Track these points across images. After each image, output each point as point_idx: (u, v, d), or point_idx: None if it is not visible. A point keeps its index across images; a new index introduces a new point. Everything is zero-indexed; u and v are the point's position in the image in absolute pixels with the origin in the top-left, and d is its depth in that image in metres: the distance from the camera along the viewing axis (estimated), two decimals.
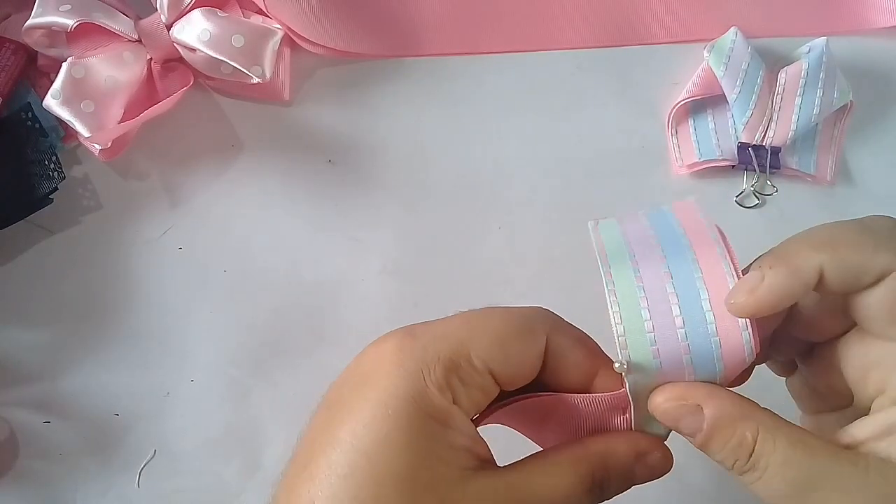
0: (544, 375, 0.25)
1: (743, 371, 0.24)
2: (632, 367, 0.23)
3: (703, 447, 0.23)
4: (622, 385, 0.24)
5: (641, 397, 0.24)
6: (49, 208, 0.40)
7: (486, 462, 0.23)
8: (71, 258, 0.41)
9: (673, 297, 0.23)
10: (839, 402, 0.26)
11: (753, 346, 0.22)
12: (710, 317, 0.22)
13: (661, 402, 0.23)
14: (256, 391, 0.40)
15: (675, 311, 0.23)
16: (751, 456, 0.22)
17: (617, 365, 0.23)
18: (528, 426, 0.27)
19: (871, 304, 0.22)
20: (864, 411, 0.24)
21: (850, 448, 0.23)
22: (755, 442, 0.22)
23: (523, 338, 0.24)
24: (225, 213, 0.42)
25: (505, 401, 0.25)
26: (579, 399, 0.25)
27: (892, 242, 0.22)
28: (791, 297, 0.23)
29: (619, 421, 0.25)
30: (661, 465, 0.25)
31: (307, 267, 0.42)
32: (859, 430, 0.23)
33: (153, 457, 0.40)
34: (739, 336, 0.22)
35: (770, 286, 0.22)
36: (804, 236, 0.24)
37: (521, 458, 0.24)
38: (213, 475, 0.40)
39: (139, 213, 0.42)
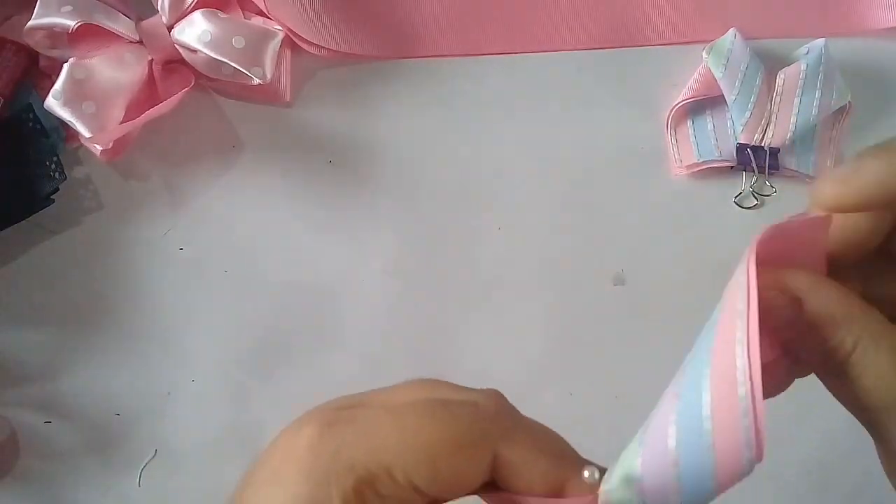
0: (499, 481, 0.21)
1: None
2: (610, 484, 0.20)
3: (842, 366, 0.21)
4: (593, 493, 0.21)
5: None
6: (50, 209, 0.40)
7: None
8: (72, 258, 0.41)
9: (673, 413, 0.19)
10: None
11: (754, 456, 0.18)
12: (707, 424, 0.18)
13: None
14: (257, 391, 0.41)
15: (672, 429, 0.19)
16: (845, 363, 0.20)
17: (587, 474, 0.20)
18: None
19: None
20: None
21: None
22: (853, 350, 0.20)
23: (461, 455, 0.20)
24: (226, 213, 0.42)
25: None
26: (538, 502, 0.21)
27: None
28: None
29: None
30: None
31: (307, 267, 0.42)
32: None
33: (154, 457, 0.40)
34: (739, 445, 0.18)
35: (871, 171, 0.20)
36: None
37: None
38: (213, 475, 0.40)
39: (140, 214, 0.42)
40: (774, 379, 0.22)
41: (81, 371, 0.40)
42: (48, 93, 0.38)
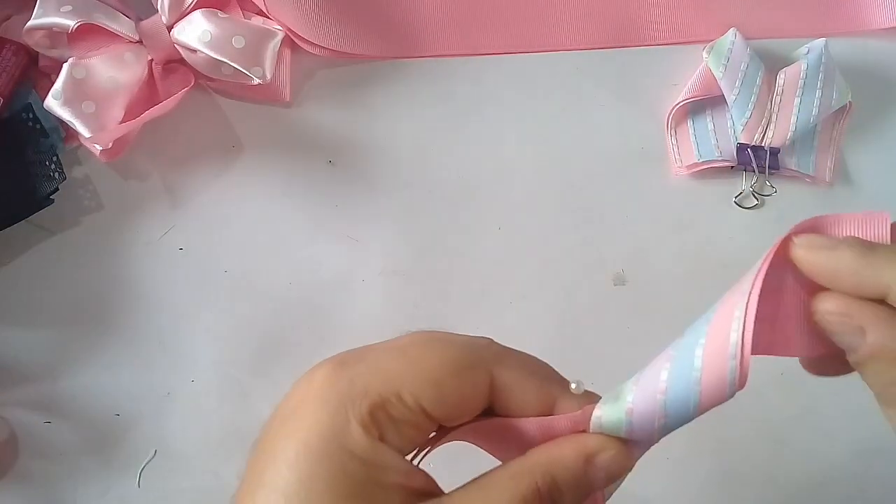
0: (497, 407, 0.23)
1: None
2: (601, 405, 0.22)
3: (855, 366, 0.23)
4: (581, 407, 0.23)
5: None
6: (50, 209, 0.40)
7: (424, 495, 0.22)
8: (71, 259, 0.41)
9: (667, 362, 0.21)
10: None
11: (738, 379, 0.21)
12: (697, 363, 0.21)
13: (826, 311, 0.22)
14: (257, 391, 0.40)
15: (664, 373, 0.21)
16: None
17: (573, 386, 0.22)
18: (488, 446, 0.26)
19: None
20: None
21: None
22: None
23: (461, 376, 0.22)
24: (225, 213, 0.42)
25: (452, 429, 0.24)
26: (532, 422, 0.23)
27: None
28: (844, 282, 0.22)
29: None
30: (617, 465, 0.22)
31: (307, 267, 0.42)
32: None
33: (153, 457, 0.40)
34: (725, 377, 0.21)
35: (835, 257, 0.22)
36: None
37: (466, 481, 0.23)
38: (213, 475, 0.40)
39: (140, 214, 0.42)
40: (825, 362, 0.24)
41: (81, 371, 0.40)
42: (48, 93, 0.38)
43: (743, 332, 0.20)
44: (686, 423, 0.22)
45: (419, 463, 0.23)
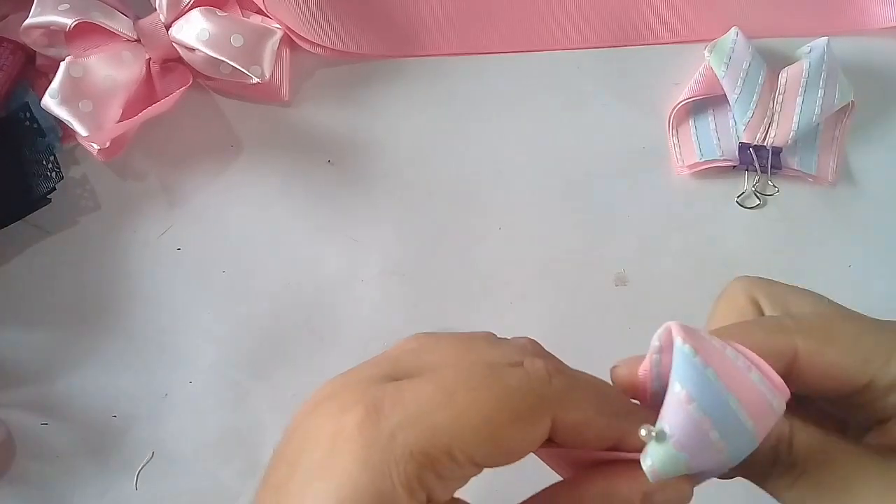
0: (556, 438, 0.21)
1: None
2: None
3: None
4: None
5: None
6: (47, 208, 0.40)
7: None
8: (69, 259, 0.41)
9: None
10: None
11: (771, 386, 0.20)
12: (732, 399, 0.20)
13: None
14: (255, 393, 0.40)
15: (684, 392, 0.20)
16: (790, 451, 0.21)
17: (643, 433, 0.20)
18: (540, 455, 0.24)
19: None
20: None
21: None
22: (792, 438, 0.21)
23: (521, 425, 0.19)
24: (224, 213, 0.42)
25: None
26: (592, 455, 0.21)
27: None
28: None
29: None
30: (674, 501, 0.21)
31: (307, 267, 0.41)
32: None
33: (151, 459, 0.40)
34: (751, 380, 0.20)
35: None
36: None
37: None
38: (211, 477, 0.39)
39: (137, 214, 0.42)
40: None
41: (78, 372, 0.40)
42: (45, 91, 0.38)
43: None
44: (753, 445, 0.20)
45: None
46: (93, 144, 0.39)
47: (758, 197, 0.42)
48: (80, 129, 0.38)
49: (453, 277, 0.42)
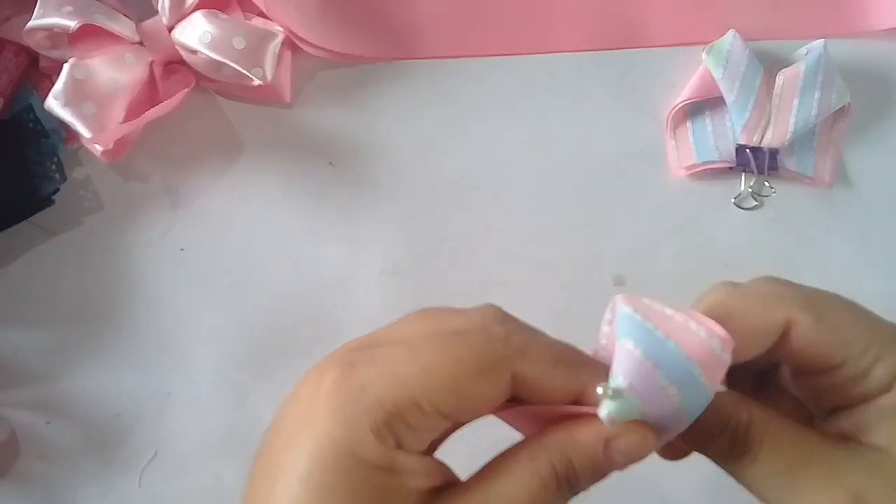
0: (519, 394, 0.22)
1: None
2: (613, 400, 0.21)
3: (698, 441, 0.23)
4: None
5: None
6: (50, 209, 0.40)
7: (445, 487, 0.22)
8: (72, 259, 0.41)
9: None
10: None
11: (712, 333, 0.21)
12: (671, 343, 0.21)
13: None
14: (257, 392, 0.41)
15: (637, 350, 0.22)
16: (747, 436, 0.22)
17: (600, 391, 0.21)
18: (506, 419, 0.25)
19: None
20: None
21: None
22: (749, 424, 0.22)
23: (481, 378, 0.21)
24: (226, 214, 0.42)
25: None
26: (555, 408, 0.22)
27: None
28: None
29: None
30: (637, 449, 0.22)
31: (308, 268, 0.42)
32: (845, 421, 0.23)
33: (154, 457, 0.40)
34: (690, 328, 0.22)
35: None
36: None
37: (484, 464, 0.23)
38: (213, 476, 0.40)
39: (140, 215, 0.42)
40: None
41: (81, 372, 0.40)
42: (48, 93, 0.38)
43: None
44: (704, 393, 0.21)
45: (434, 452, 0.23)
46: (96, 146, 0.39)
47: (755, 198, 0.43)
48: (84, 131, 0.38)
49: (453, 277, 0.42)
